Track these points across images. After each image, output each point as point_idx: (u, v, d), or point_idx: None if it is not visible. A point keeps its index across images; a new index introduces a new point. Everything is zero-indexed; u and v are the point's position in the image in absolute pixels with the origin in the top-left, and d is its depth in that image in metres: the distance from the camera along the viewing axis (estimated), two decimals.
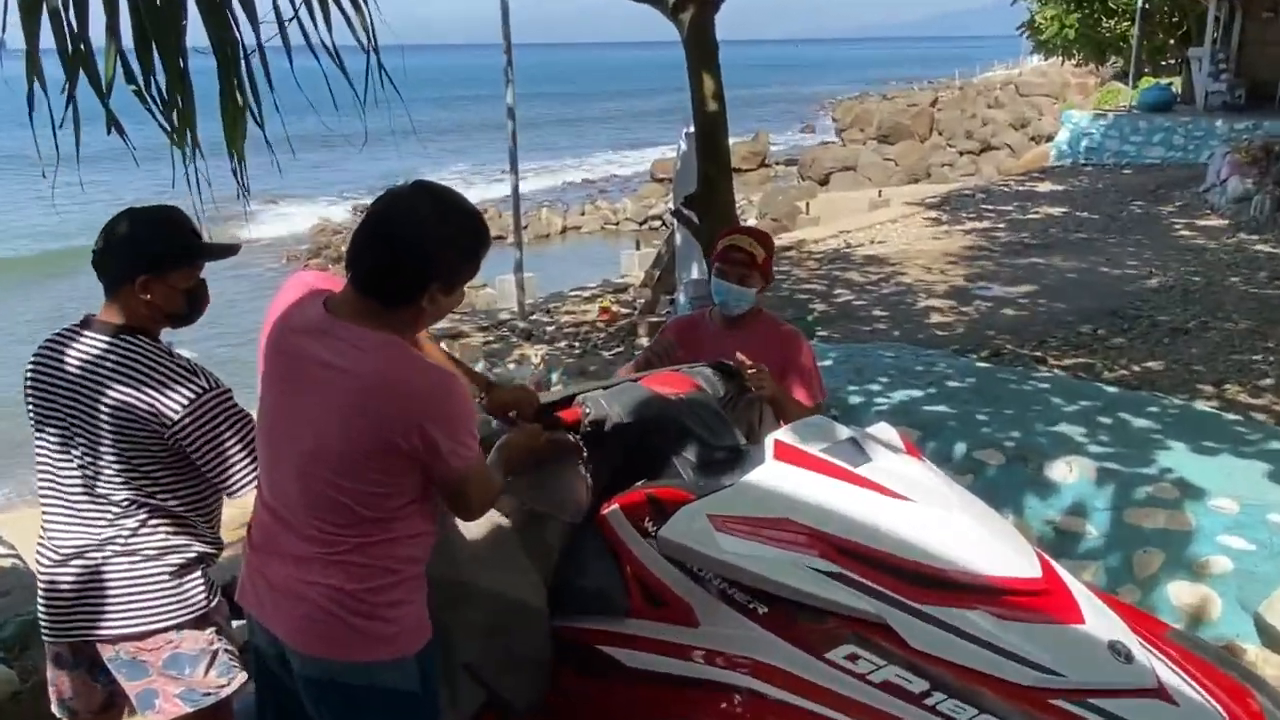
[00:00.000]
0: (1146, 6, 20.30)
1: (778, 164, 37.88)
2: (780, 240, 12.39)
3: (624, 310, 8.08)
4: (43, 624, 2.44)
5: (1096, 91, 28.18)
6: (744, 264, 3.12)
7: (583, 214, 27.44)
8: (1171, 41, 21.36)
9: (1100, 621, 2.07)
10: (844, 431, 2.43)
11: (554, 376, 6.01)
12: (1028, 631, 2.02)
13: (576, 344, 7.25)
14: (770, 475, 2.26)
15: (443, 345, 3.21)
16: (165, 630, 2.40)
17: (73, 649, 2.45)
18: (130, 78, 3.01)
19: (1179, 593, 3.86)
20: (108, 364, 2.32)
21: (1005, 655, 1.99)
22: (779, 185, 28.82)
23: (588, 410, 2.56)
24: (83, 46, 2.86)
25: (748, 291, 3.15)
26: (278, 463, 2.04)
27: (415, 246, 1.92)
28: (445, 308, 2.07)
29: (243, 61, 3.12)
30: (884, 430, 2.61)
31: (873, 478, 2.24)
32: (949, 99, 45.87)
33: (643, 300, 8.01)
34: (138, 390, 2.29)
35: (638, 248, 13.62)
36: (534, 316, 8.10)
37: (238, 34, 3.08)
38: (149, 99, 3.04)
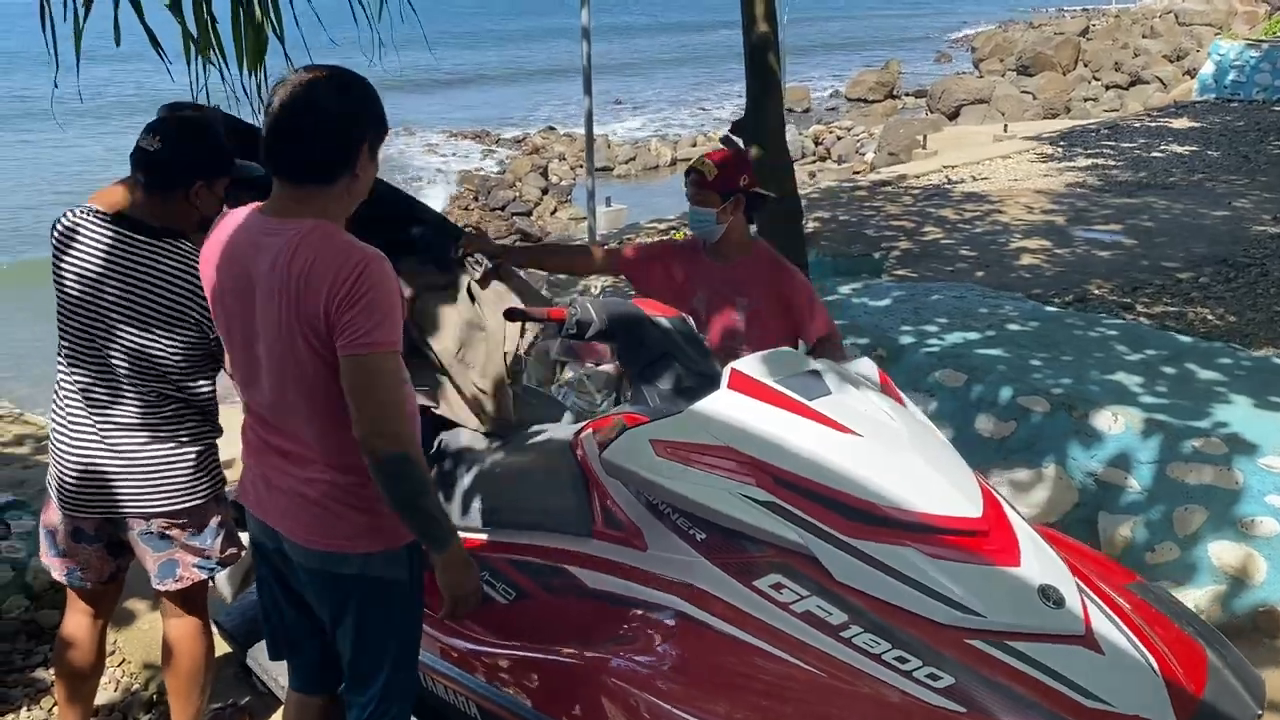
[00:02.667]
0: None
1: (907, 95, 36.79)
2: (880, 174, 12.13)
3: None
4: (69, 501, 2.65)
5: (1266, 20, 26.35)
6: (696, 183, 3.17)
7: (693, 145, 27.24)
8: None
9: (1037, 566, 2.06)
10: (807, 364, 2.44)
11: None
12: (955, 571, 2.03)
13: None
14: (720, 404, 2.29)
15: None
16: (196, 506, 2.70)
17: (95, 525, 2.69)
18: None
19: (1220, 553, 3.77)
20: (164, 267, 2.55)
21: (927, 593, 2.01)
22: (903, 117, 27.98)
23: (574, 311, 2.67)
24: None
25: (709, 213, 3.16)
26: (254, 373, 2.15)
27: (337, 110, 2.01)
28: (371, 174, 2.15)
29: None
30: (863, 364, 2.62)
31: (824, 411, 2.26)
32: (1101, 28, 43.65)
33: None
34: (194, 297, 2.53)
35: None
36: (606, 241, 8.18)
37: None
38: (183, 17, 3.20)
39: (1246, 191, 9.45)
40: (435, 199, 23.40)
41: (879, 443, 2.21)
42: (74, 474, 2.62)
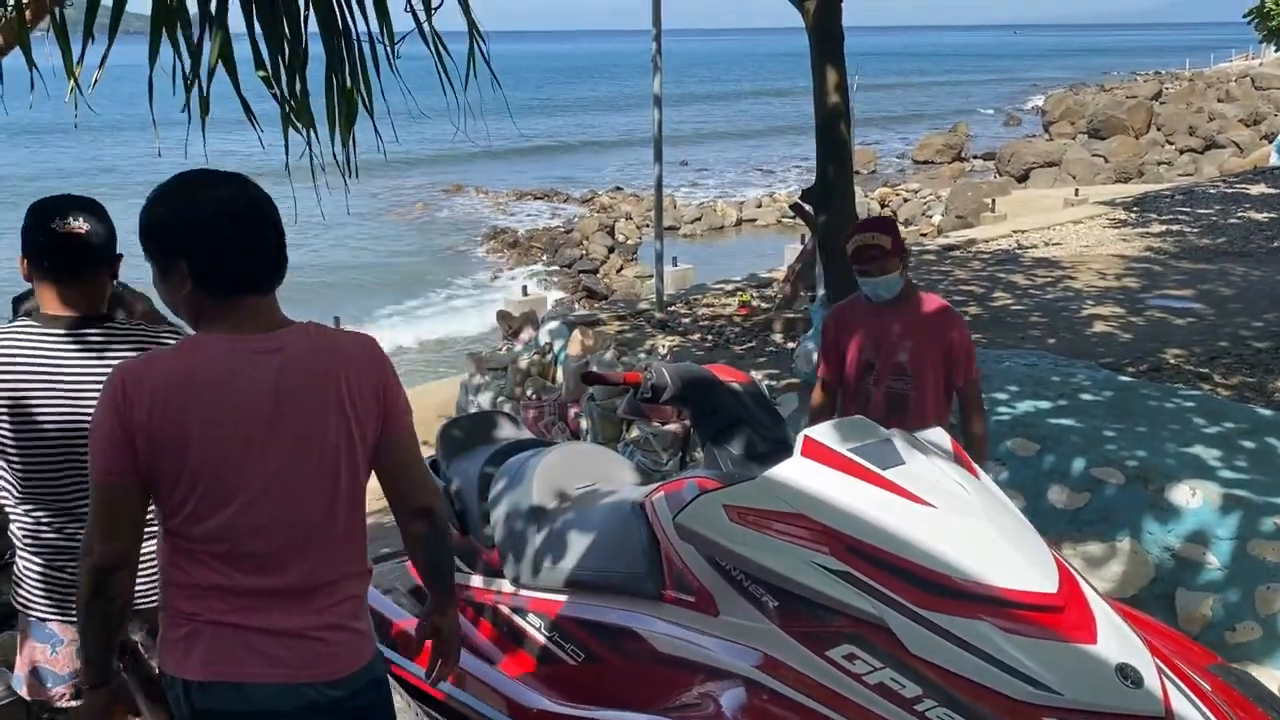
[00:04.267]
0: None
1: (975, 158, 36.73)
2: (948, 238, 12.08)
3: (764, 305, 8.11)
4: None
5: None
6: (878, 258, 3.39)
7: (759, 206, 27.45)
8: None
9: (1115, 644, 2.03)
10: (880, 432, 2.45)
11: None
12: (1031, 646, 2.01)
13: (710, 337, 7.34)
14: (794, 471, 2.31)
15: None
16: None
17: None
18: (260, 64, 3.31)
19: None
20: (125, 350, 2.45)
21: (1003, 668, 2.00)
22: (971, 180, 27.91)
23: (649, 376, 2.75)
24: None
25: (891, 278, 3.43)
26: (292, 507, 1.97)
27: (277, 219, 1.97)
28: None
29: (356, 49, 3.38)
30: (936, 434, 2.62)
31: (897, 480, 2.26)
32: (1174, 92, 43.32)
33: (780, 296, 8.03)
34: None
35: (803, 241, 13.54)
36: (672, 308, 8.24)
37: (350, 22, 3.34)
38: (275, 84, 3.35)
39: None
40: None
41: (953, 514, 2.21)
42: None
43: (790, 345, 6.89)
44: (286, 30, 3.29)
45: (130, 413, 1.84)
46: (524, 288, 16.17)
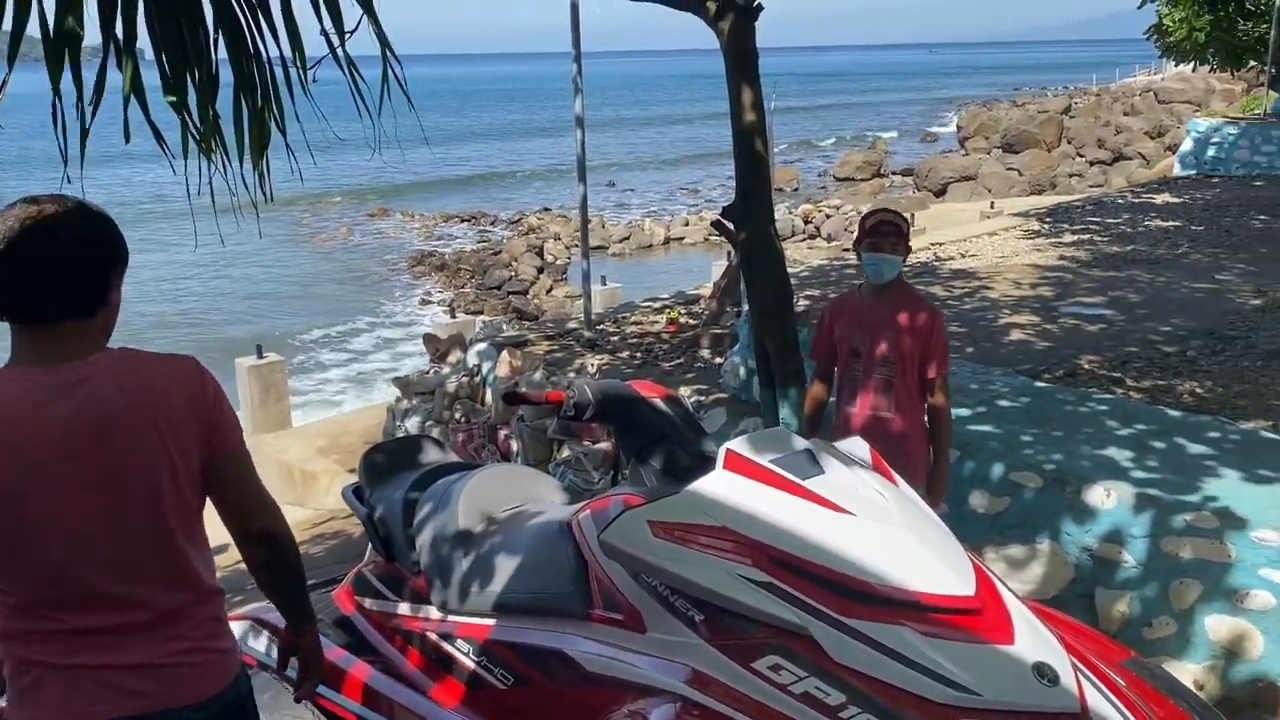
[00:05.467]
0: None
1: (894, 173, 37.49)
2: None
3: (691, 321, 8.15)
4: None
5: (1244, 100, 26.94)
6: (891, 234, 3.70)
7: (686, 224, 27.67)
8: None
9: (1031, 643, 2.07)
10: (800, 443, 2.47)
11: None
12: (951, 649, 2.04)
13: (638, 354, 7.35)
14: (716, 484, 2.32)
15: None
16: None
17: None
18: (169, 91, 3.25)
19: (1215, 627, 3.77)
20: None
21: (924, 672, 2.02)
22: (890, 195, 28.46)
23: (571, 394, 2.74)
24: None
25: (896, 259, 3.72)
26: (108, 540, 1.92)
27: (91, 239, 1.91)
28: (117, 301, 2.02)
29: (267, 72, 3.34)
30: (855, 444, 2.65)
31: (817, 490, 2.28)
32: (1083, 106, 44.67)
33: (707, 313, 8.08)
34: None
35: (729, 258, 13.67)
36: (601, 326, 8.24)
37: (260, 45, 3.30)
38: (185, 110, 3.29)
39: (1229, 265, 9.57)
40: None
41: (871, 521, 2.23)
42: None
43: (718, 360, 6.93)
44: (193, 53, 3.24)
45: None
46: (451, 310, 16.05)
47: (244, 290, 23.20)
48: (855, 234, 3.96)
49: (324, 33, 3.26)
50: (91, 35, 3.09)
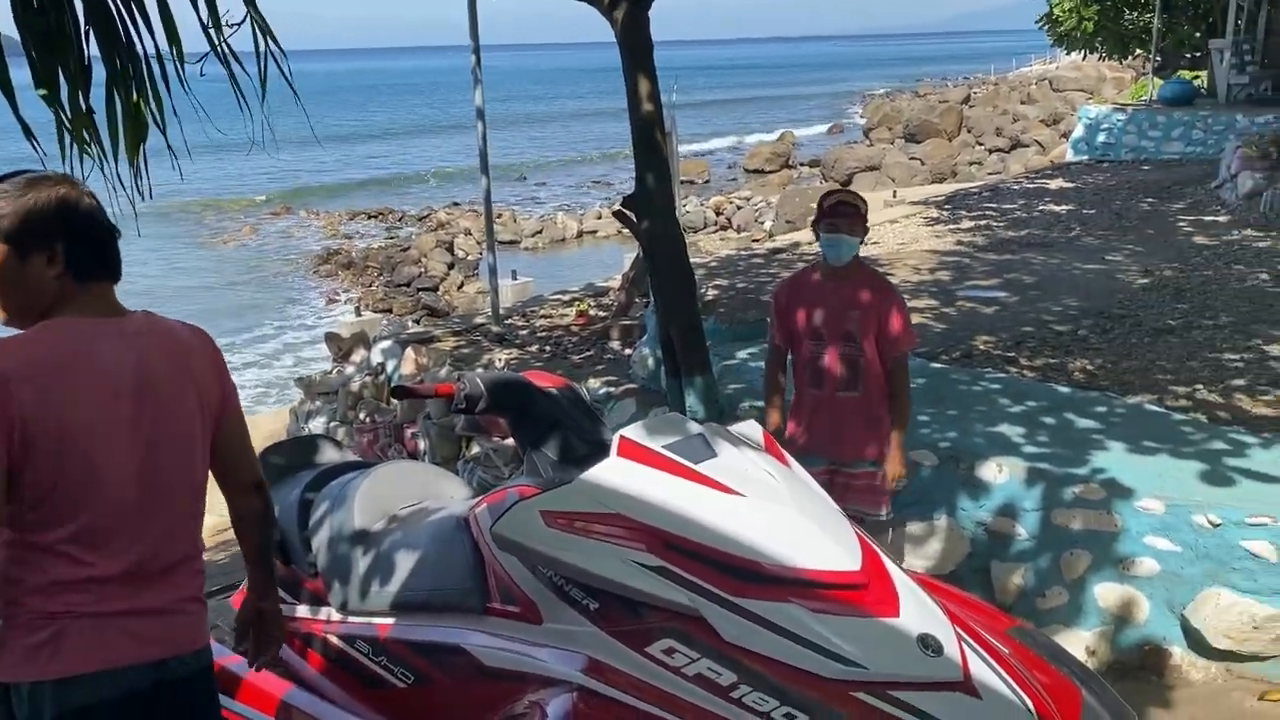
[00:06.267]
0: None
1: (802, 165, 37.95)
2: (776, 242, 12.43)
3: (601, 314, 8.16)
4: None
5: (1134, 86, 27.92)
6: (849, 215, 3.69)
7: (599, 218, 27.64)
8: (1197, 34, 21.11)
9: (916, 615, 2.12)
10: (694, 428, 2.49)
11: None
12: (838, 624, 2.08)
13: (548, 348, 7.33)
14: (609, 471, 2.32)
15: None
16: None
17: None
18: (40, 84, 3.13)
19: (1104, 594, 3.91)
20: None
21: (812, 648, 2.06)
22: (798, 186, 28.81)
23: (462, 386, 2.70)
24: None
25: (855, 240, 3.72)
26: (155, 488, 2.03)
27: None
28: None
29: (144, 65, 3.23)
30: (748, 426, 2.68)
31: (709, 473, 2.30)
32: (981, 96, 45.79)
33: (616, 301, 8.10)
34: None
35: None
36: (509, 320, 8.19)
37: (135, 37, 3.19)
38: (60, 107, 3.17)
39: (1119, 246, 9.88)
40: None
41: (761, 501, 2.26)
42: None
43: (627, 352, 6.95)
44: (68, 47, 3.13)
45: (4, 394, 1.83)
46: (357, 308, 15.80)
47: (138, 294, 22.52)
48: (783, 216, 3.95)
49: (203, 25, 3.18)
50: None
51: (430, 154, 49.38)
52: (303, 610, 3.06)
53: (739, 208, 26.16)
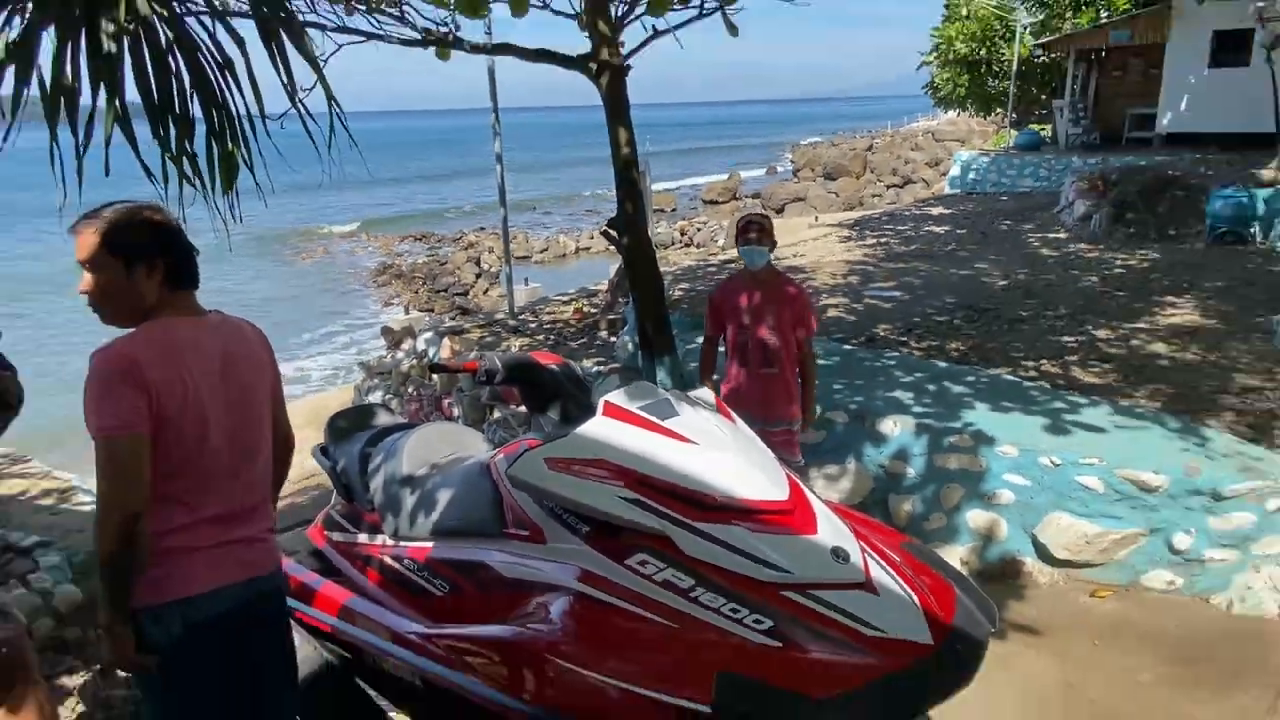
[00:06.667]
0: (1023, 69, 20.17)
1: (747, 197, 37.83)
2: (727, 254, 12.39)
3: (592, 310, 8.12)
4: None
5: (995, 136, 28.00)
6: (758, 231, 3.71)
7: (591, 238, 27.49)
8: (1044, 96, 21.15)
9: (830, 533, 2.11)
10: (661, 393, 2.46)
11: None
12: (770, 541, 2.06)
13: (551, 337, 7.29)
14: (597, 427, 2.29)
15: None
16: None
17: None
18: (155, 134, 3.07)
19: (974, 519, 3.92)
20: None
21: (751, 559, 2.04)
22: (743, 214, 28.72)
23: (484, 363, 2.67)
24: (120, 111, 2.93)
25: (764, 249, 3.71)
26: (240, 451, 2.04)
27: None
28: None
29: (236, 120, 3.18)
30: (703, 393, 2.66)
31: (673, 427, 2.28)
32: (881, 144, 45.72)
33: (604, 301, 8.06)
34: None
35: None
36: (521, 316, 8.14)
37: (228, 98, 3.14)
38: (175, 156, 3.11)
39: (984, 257, 9.90)
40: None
41: (712, 449, 2.24)
42: None
43: (613, 339, 6.93)
44: (176, 104, 3.08)
45: (141, 376, 1.82)
46: (406, 308, 15.66)
47: (237, 301, 22.23)
48: (733, 235, 3.92)
49: (286, 90, 3.13)
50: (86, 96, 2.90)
51: (461, 193, 48.90)
52: (363, 537, 3.03)
53: (699, 229, 26.09)
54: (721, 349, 3.99)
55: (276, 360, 2.25)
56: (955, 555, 3.89)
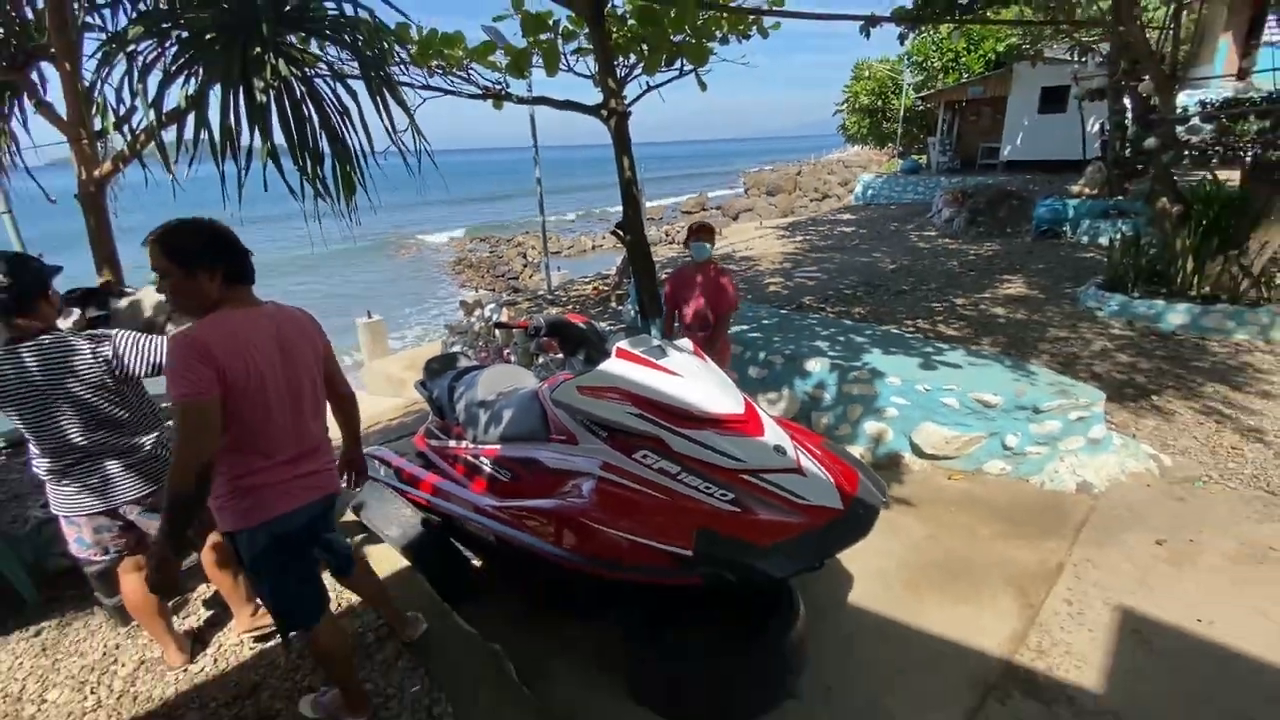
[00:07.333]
0: (907, 115, 19.66)
1: (713, 209, 37.10)
2: None
3: (605, 287, 8.05)
4: (133, 493, 2.14)
5: (887, 163, 27.45)
6: (705, 231, 3.58)
7: (603, 238, 27.07)
8: (922, 135, 20.64)
9: (773, 435, 2.13)
10: (655, 342, 2.46)
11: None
12: (732, 441, 2.08)
13: (577, 306, 7.23)
14: (613, 365, 2.30)
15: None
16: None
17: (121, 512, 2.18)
18: (295, 161, 3.00)
19: (871, 428, 3.93)
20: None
21: (719, 453, 2.06)
22: (709, 219, 28.23)
23: (534, 321, 2.65)
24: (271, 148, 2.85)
25: (708, 245, 3.56)
26: (297, 413, 1.89)
27: None
28: None
29: (353, 151, 3.11)
30: (684, 342, 2.65)
31: (664, 365, 2.28)
32: (808, 170, 44.68)
33: (613, 281, 7.98)
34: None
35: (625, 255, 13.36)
36: (556, 292, 8.07)
37: (345, 135, 3.06)
38: (311, 178, 3.04)
39: (878, 248, 9.77)
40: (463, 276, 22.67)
41: (692, 379, 2.25)
42: (132, 474, 2.18)
43: (620, 308, 6.88)
44: (310, 141, 3.00)
45: (210, 354, 1.68)
46: (476, 289, 15.47)
47: (360, 287, 21.97)
48: (685, 235, 3.81)
49: (387, 131, 3.05)
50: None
51: (513, 208, 48.00)
52: (452, 443, 3.04)
53: (680, 231, 25.65)
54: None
55: (324, 336, 2.03)
56: (856, 452, 3.91)
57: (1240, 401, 4.21)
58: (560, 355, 4.28)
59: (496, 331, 7.32)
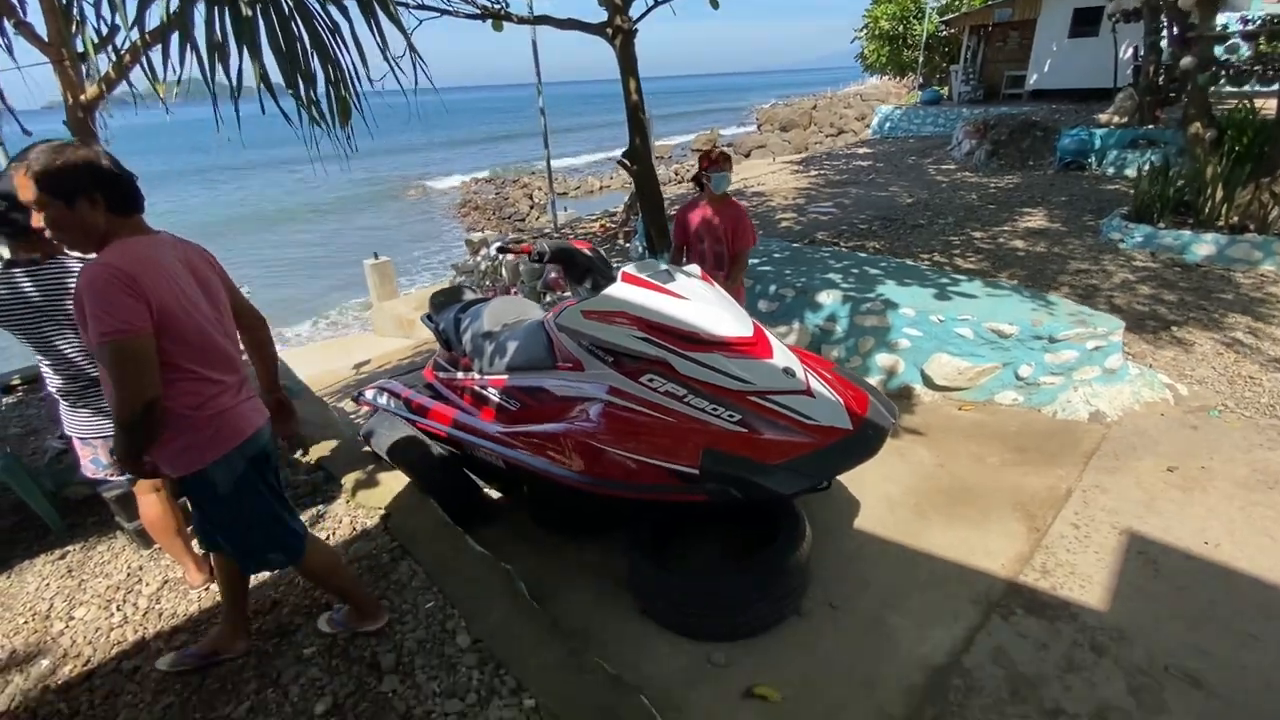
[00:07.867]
0: (930, 41, 18.58)
1: (725, 146, 35.86)
2: None
3: (612, 224, 7.89)
4: None
5: (907, 95, 26.20)
6: (726, 162, 3.40)
7: (611, 178, 26.43)
8: (944, 64, 19.57)
9: (782, 359, 2.09)
10: (663, 266, 2.39)
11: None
12: (741, 363, 2.05)
13: None
14: (618, 290, 2.25)
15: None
16: None
17: None
18: (288, 85, 2.86)
19: (882, 360, 3.89)
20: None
21: (727, 375, 2.04)
22: None
23: (537, 246, 2.59)
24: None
25: (728, 175, 3.38)
26: (219, 335, 1.78)
27: None
28: None
29: (347, 72, 2.96)
30: (692, 268, 2.58)
31: (670, 288, 2.23)
32: (823, 104, 42.80)
33: (620, 219, 7.81)
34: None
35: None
36: (564, 229, 7.92)
37: (347, 64, 2.91)
38: (298, 96, 2.91)
39: (896, 183, 9.46)
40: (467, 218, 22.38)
41: (698, 302, 2.20)
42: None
43: (627, 245, 6.75)
44: (301, 61, 2.85)
45: (138, 285, 1.54)
46: (481, 230, 15.27)
47: (374, 229, 21.74)
48: (699, 165, 3.56)
49: (380, 48, 2.89)
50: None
51: (517, 148, 46.67)
52: (460, 374, 3.04)
53: (690, 170, 24.97)
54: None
55: (218, 263, 1.88)
56: (866, 376, 3.89)
57: (1263, 331, 4.10)
58: (566, 294, 4.18)
59: (503, 271, 7.24)
